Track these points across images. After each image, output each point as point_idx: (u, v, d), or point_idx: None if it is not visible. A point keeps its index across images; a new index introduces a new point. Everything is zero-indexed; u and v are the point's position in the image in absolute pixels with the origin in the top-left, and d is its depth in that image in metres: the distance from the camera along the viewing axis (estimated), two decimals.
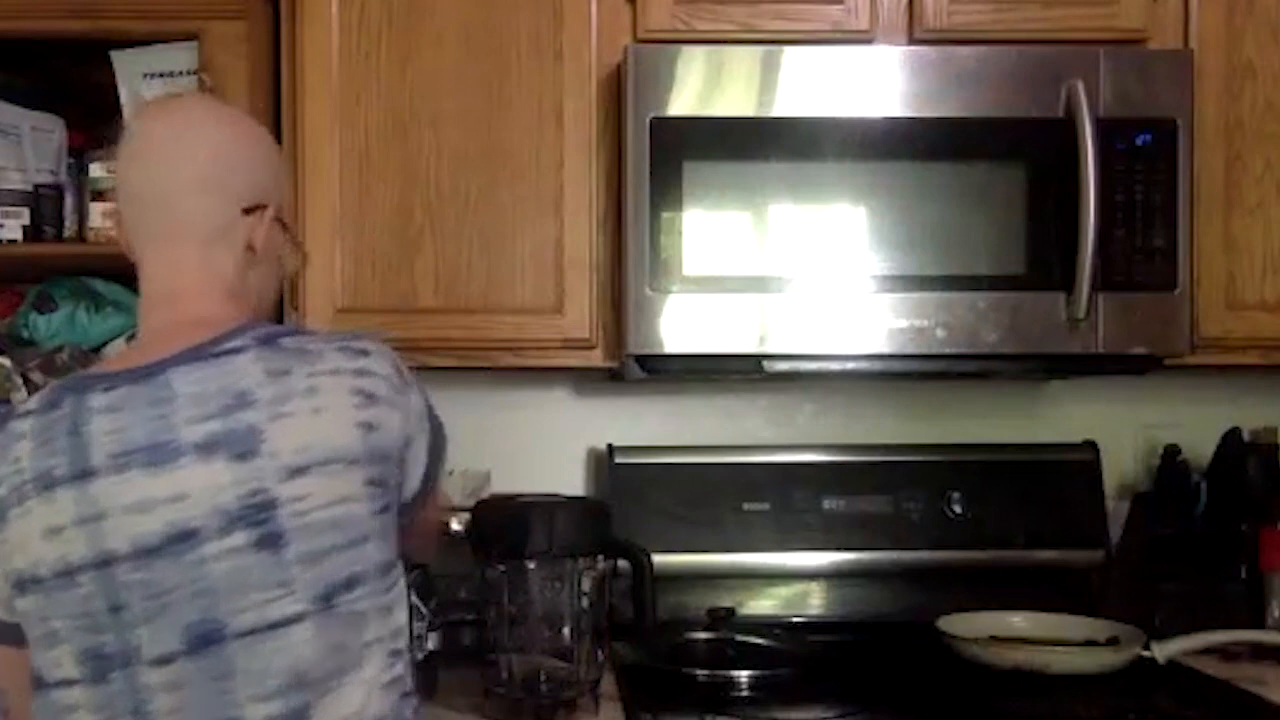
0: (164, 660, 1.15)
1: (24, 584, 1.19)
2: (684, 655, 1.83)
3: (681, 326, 1.76)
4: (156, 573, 1.15)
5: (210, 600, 1.15)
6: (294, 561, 1.16)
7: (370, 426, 1.22)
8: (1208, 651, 1.85)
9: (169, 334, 1.26)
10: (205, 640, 1.15)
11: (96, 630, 1.17)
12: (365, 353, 1.25)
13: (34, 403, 1.26)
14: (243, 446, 1.16)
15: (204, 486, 1.15)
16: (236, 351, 1.21)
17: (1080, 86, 1.76)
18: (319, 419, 1.19)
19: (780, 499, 2.09)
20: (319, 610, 1.17)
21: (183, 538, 1.15)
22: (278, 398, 1.18)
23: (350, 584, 1.19)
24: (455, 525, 1.80)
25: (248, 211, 1.32)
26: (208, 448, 1.16)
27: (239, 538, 1.15)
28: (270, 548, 1.15)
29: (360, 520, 1.20)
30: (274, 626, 1.16)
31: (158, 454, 1.16)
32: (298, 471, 1.17)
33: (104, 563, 1.16)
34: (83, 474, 1.18)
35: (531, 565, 1.64)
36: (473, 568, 1.73)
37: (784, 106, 1.78)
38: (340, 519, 1.18)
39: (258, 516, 1.15)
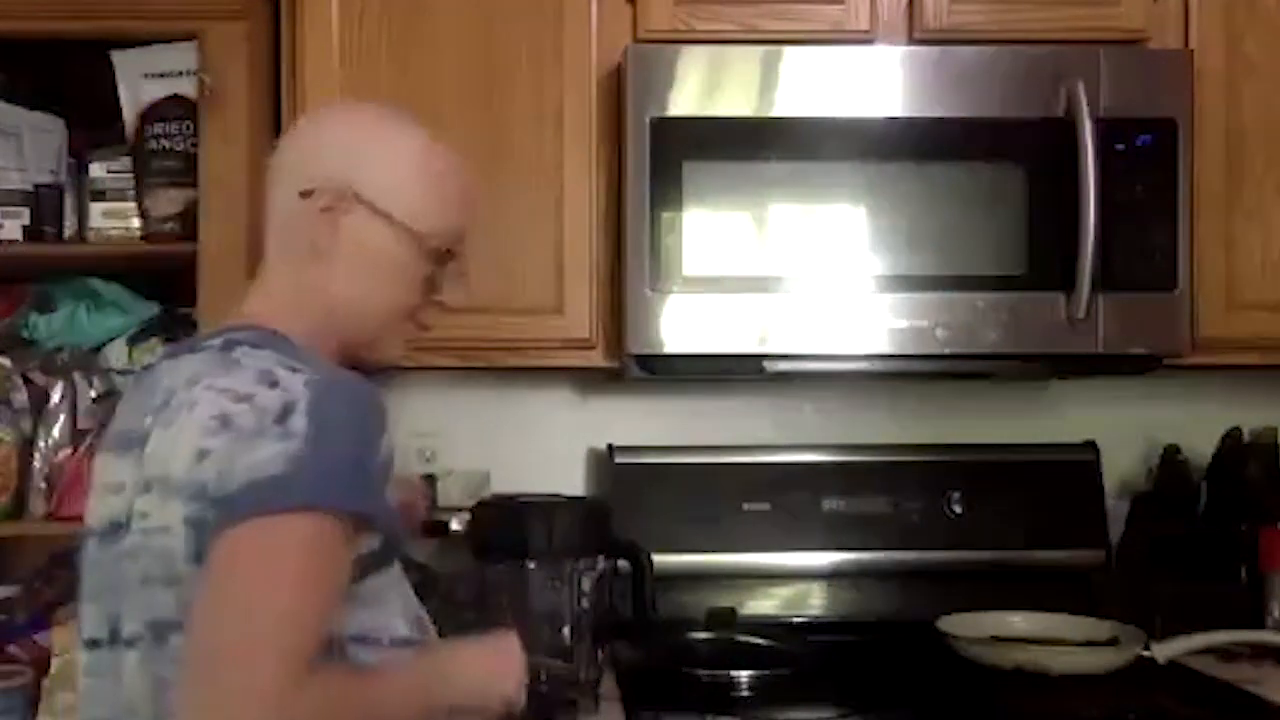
0: (92, 644, 1.16)
1: None
2: (684, 655, 1.83)
3: (682, 326, 1.76)
4: (100, 555, 1.16)
5: (117, 597, 1.13)
6: (136, 580, 1.10)
7: (203, 454, 1.06)
8: (1208, 651, 1.85)
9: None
10: (111, 638, 1.13)
11: (80, 598, 1.20)
12: (274, 383, 1.08)
13: None
14: (140, 447, 1.13)
15: (126, 481, 1.15)
16: (199, 350, 1.18)
17: (1080, 86, 1.76)
18: (173, 434, 1.10)
19: (780, 499, 2.09)
20: (150, 640, 1.08)
21: (114, 528, 1.14)
22: (175, 405, 1.12)
23: (177, 627, 1.05)
24: (455, 525, 1.80)
25: (305, 195, 1.20)
26: (138, 442, 1.14)
27: (127, 541, 1.12)
28: (132, 559, 1.11)
29: (173, 558, 1.06)
30: (129, 643, 1.10)
31: (124, 440, 1.18)
32: (145, 486, 1.10)
33: (86, 534, 1.20)
34: (99, 447, 1.25)
35: (531, 565, 1.64)
36: (473, 568, 1.73)
37: (784, 107, 1.77)
38: (158, 549, 1.08)
39: (129, 524, 1.12)
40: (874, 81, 1.79)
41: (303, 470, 1.03)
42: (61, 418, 1.90)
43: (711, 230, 1.77)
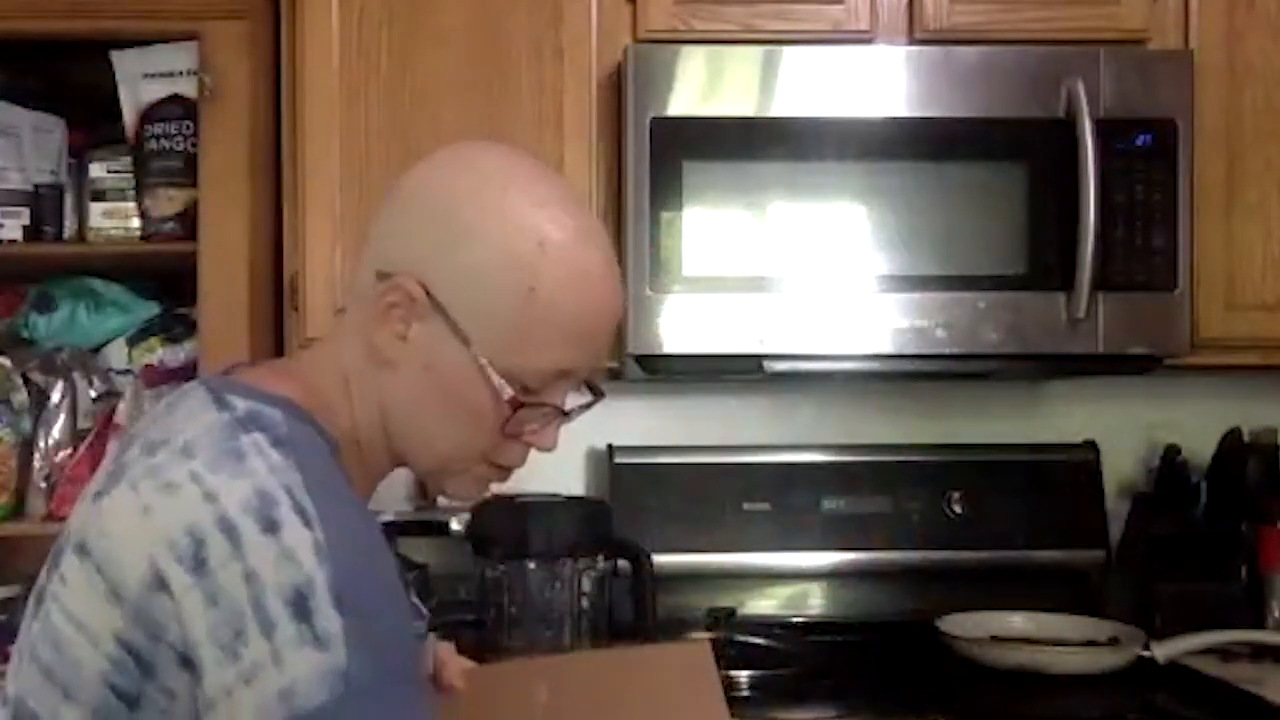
0: None
1: None
2: None
3: (681, 326, 1.76)
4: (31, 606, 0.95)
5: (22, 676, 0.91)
6: (39, 670, 0.86)
7: (162, 582, 0.81)
8: (1208, 651, 1.85)
9: None
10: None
11: None
12: (270, 523, 0.81)
13: None
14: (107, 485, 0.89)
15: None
16: (214, 407, 0.88)
17: (1080, 86, 1.76)
18: (123, 507, 0.85)
19: (780, 499, 2.09)
20: None
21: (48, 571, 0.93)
22: (142, 465, 0.87)
23: None
24: (455, 525, 1.80)
25: (381, 278, 0.92)
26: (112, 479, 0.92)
27: (41, 613, 0.90)
28: (41, 640, 0.88)
29: (83, 676, 0.83)
30: None
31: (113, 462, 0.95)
32: (79, 548, 0.86)
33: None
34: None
35: (531, 565, 1.64)
36: (473, 568, 1.74)
37: (784, 106, 1.77)
38: (70, 658, 0.84)
39: (48, 587, 0.89)
40: (874, 81, 1.79)
41: (357, 699, 0.79)
42: (61, 418, 1.90)
43: (711, 230, 1.77)
